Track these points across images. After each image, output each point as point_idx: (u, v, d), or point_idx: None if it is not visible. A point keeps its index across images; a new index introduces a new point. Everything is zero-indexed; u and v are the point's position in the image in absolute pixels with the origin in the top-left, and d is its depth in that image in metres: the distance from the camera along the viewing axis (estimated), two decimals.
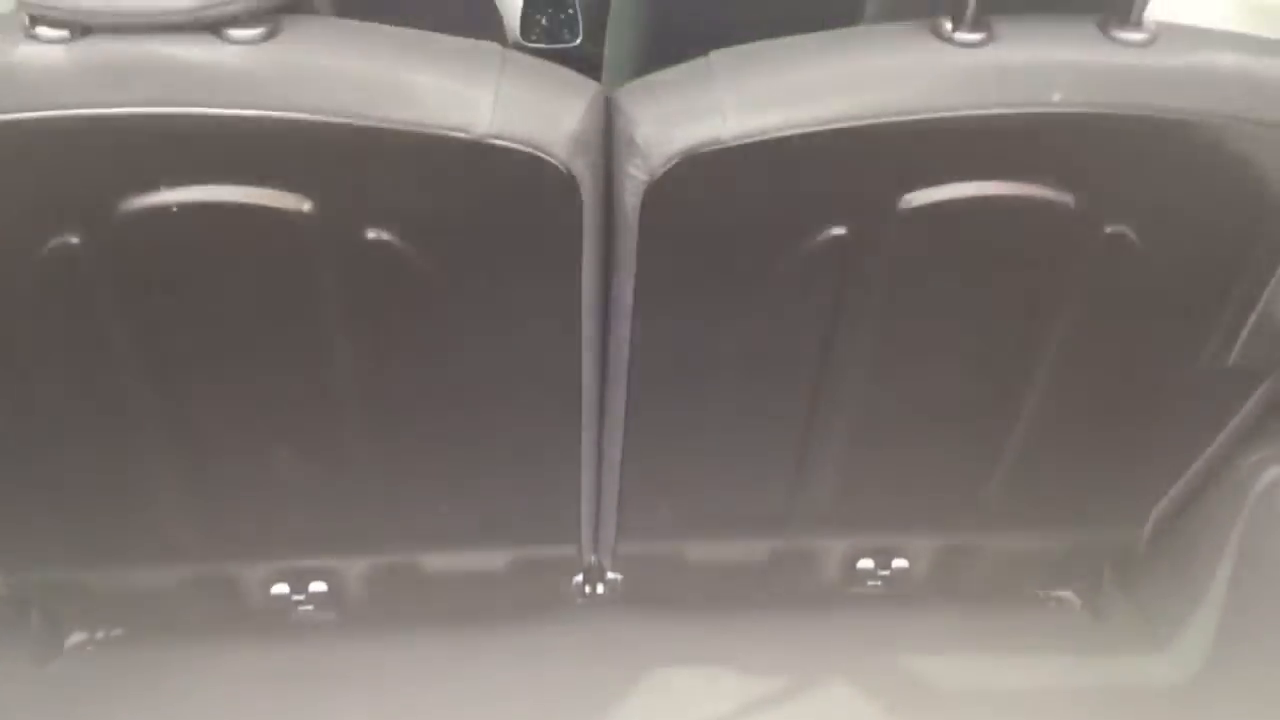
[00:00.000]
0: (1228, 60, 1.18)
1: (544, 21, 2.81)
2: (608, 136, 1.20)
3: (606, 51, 2.44)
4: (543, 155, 1.13)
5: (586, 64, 2.12)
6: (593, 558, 1.65)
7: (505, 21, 2.66)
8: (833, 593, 1.73)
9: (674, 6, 2.10)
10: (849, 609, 1.76)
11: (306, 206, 1.15)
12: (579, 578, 1.68)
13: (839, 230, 1.23)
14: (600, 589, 1.70)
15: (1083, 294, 1.33)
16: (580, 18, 2.81)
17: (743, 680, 1.67)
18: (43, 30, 1.04)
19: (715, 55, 1.19)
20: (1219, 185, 1.25)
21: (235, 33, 1.06)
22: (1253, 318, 1.37)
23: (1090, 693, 1.68)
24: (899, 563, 1.67)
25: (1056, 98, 1.15)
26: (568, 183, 1.16)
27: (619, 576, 1.67)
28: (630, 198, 1.19)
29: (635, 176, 1.17)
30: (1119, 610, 1.80)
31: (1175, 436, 1.57)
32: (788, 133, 1.13)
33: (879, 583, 1.70)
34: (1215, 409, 1.53)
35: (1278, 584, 1.55)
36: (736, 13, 1.73)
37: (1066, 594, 1.84)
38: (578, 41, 2.82)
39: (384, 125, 1.09)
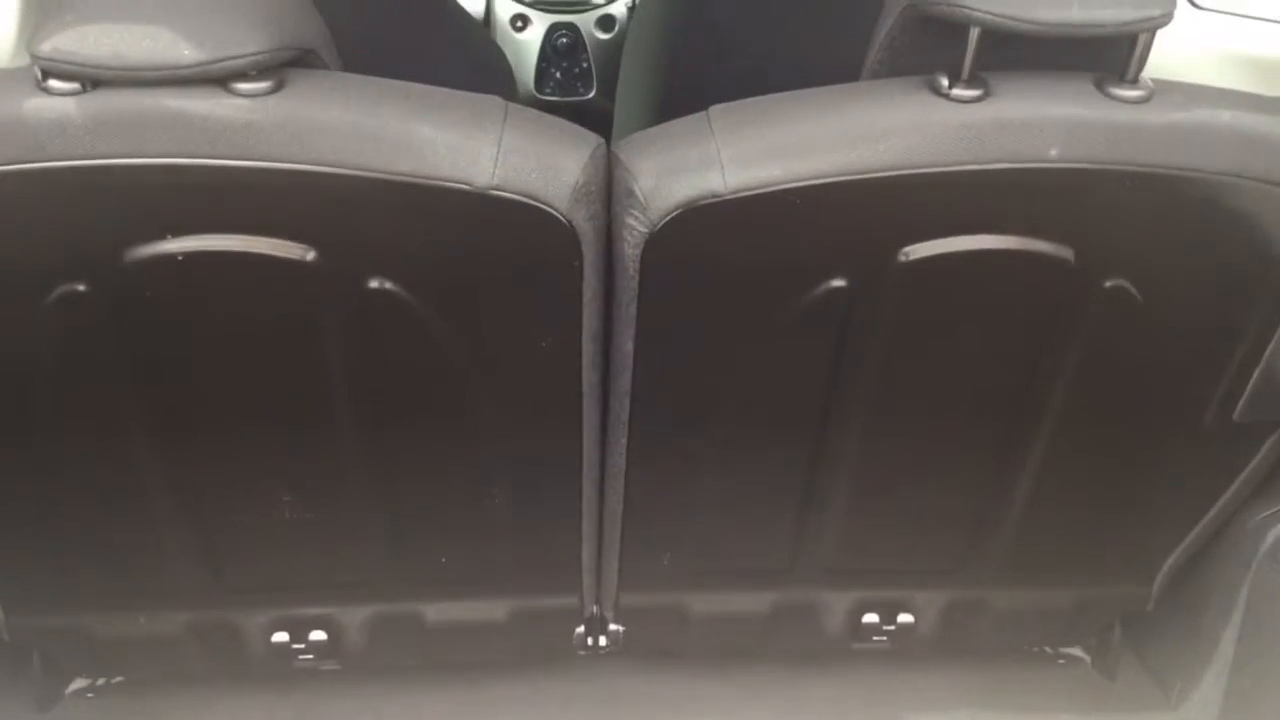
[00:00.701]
0: (1224, 118, 1.18)
1: (558, 75, 2.85)
2: (608, 188, 1.21)
3: (617, 105, 2.47)
4: (544, 207, 1.15)
5: (599, 117, 2.14)
6: (595, 609, 1.64)
7: (517, 74, 2.70)
8: (838, 648, 1.71)
9: (682, 62, 2.13)
10: (854, 665, 1.74)
11: (310, 256, 1.16)
12: (580, 629, 1.67)
13: (839, 282, 1.23)
14: (602, 641, 1.69)
15: (1085, 348, 1.33)
16: (594, 71, 2.85)
17: None
18: (54, 83, 1.06)
19: (715, 110, 1.21)
20: (1219, 241, 1.25)
21: (242, 86, 1.08)
22: (1257, 374, 1.37)
23: None
24: (904, 618, 1.66)
25: (1054, 153, 1.15)
26: (569, 234, 1.17)
27: (621, 628, 1.66)
28: (630, 249, 1.20)
29: (635, 228, 1.18)
30: (1130, 668, 1.78)
31: (1181, 493, 1.55)
32: (786, 186, 1.14)
33: (884, 638, 1.68)
34: (1221, 466, 1.51)
35: None
36: (744, 68, 1.75)
37: (1077, 652, 1.82)
38: (592, 94, 2.85)
39: (386, 176, 1.11)
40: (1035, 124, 1.15)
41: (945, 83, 1.15)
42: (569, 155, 1.17)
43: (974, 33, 1.11)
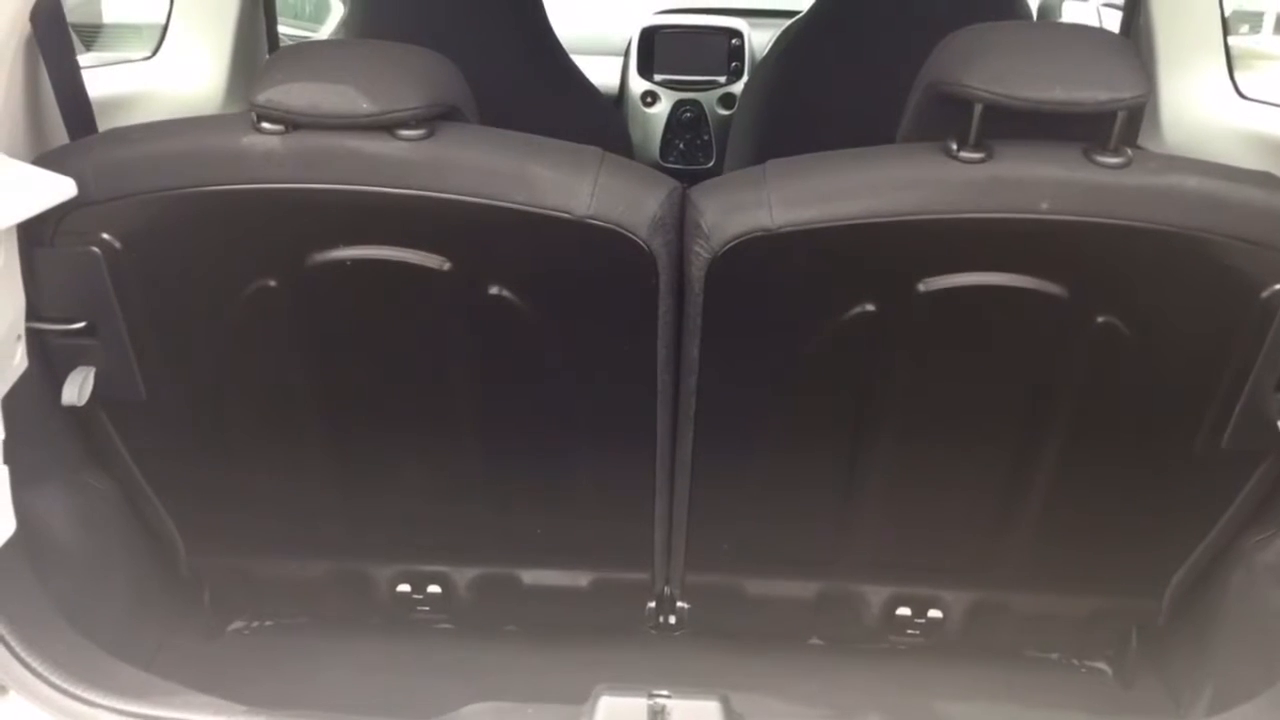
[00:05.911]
0: (1192, 183, 1.41)
1: (681, 146, 3.17)
2: (681, 222, 1.51)
3: (725, 170, 2.79)
4: (628, 234, 1.45)
5: None
6: (665, 588, 1.91)
7: (645, 144, 3.04)
8: (876, 637, 1.93)
9: (776, 132, 2.44)
10: (891, 656, 1.96)
11: (445, 266, 1.49)
12: (652, 604, 1.93)
13: (869, 307, 1.50)
14: (672, 620, 1.95)
15: (1083, 376, 1.55)
16: (715, 143, 3.15)
17: (789, 710, 1.88)
18: (265, 125, 1.43)
19: (770, 163, 1.51)
20: (1195, 286, 1.47)
21: (404, 132, 1.42)
22: (1239, 406, 1.56)
23: None
24: (934, 613, 1.87)
25: (1044, 206, 1.41)
26: (648, 258, 1.47)
27: (687, 605, 1.92)
28: (697, 272, 1.49)
29: (701, 255, 1.48)
30: (1147, 679, 1.94)
31: (1182, 514, 1.74)
32: (822, 225, 1.43)
33: (917, 632, 1.90)
34: (1217, 490, 1.70)
35: None
36: (824, 137, 2.05)
37: (1099, 665, 2.00)
38: (711, 164, 3.15)
39: (507, 205, 1.43)
40: (1029, 182, 1.41)
41: (955, 147, 1.42)
42: (650, 193, 1.48)
43: (977, 108, 1.38)
